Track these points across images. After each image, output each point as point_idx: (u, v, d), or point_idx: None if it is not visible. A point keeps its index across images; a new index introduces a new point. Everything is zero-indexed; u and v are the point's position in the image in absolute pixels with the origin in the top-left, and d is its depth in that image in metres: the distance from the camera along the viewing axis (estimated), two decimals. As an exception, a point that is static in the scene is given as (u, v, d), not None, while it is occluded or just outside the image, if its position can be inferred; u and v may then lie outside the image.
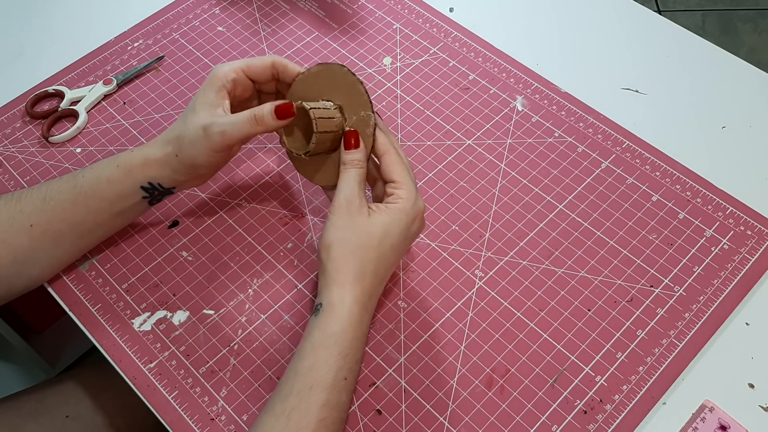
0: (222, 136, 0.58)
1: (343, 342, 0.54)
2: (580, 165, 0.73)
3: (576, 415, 0.59)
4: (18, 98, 0.80)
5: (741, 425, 0.58)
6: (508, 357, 0.62)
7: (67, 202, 0.61)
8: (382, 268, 0.57)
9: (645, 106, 0.78)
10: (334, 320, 0.54)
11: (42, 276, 0.65)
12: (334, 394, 0.53)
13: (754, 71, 0.81)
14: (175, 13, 0.87)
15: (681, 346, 0.62)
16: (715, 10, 1.99)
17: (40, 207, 0.61)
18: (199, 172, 0.62)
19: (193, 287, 0.66)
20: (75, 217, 0.62)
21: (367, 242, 0.56)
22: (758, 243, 0.67)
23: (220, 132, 0.58)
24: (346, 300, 0.55)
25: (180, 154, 0.60)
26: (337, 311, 0.54)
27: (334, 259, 0.55)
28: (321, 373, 0.53)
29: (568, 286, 0.65)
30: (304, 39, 0.84)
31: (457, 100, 0.78)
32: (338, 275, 0.55)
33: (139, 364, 0.62)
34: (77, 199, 0.61)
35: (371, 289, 0.56)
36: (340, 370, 0.53)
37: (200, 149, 0.59)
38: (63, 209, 0.61)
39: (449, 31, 0.85)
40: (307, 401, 0.52)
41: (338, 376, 0.53)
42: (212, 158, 0.60)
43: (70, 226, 0.62)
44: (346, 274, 0.55)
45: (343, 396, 0.54)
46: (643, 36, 0.84)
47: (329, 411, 0.52)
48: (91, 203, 0.61)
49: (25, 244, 0.61)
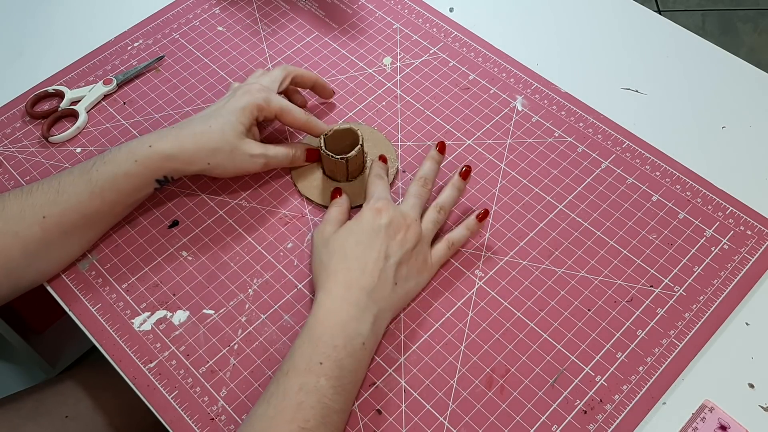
0: (264, 166, 0.69)
1: (316, 328, 0.57)
2: (580, 165, 0.73)
3: (576, 415, 0.59)
4: (18, 98, 0.80)
5: (741, 425, 0.58)
6: (508, 357, 0.62)
7: (82, 194, 0.63)
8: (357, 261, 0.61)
9: (645, 106, 0.78)
10: (311, 315, 0.59)
11: (50, 269, 0.66)
12: (311, 378, 0.54)
13: (754, 71, 0.81)
14: (175, 13, 0.87)
15: (681, 346, 0.62)
16: (715, 10, 2.00)
17: (53, 199, 0.62)
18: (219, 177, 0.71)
19: (193, 287, 0.66)
20: (90, 208, 0.63)
21: (334, 248, 0.62)
22: (758, 243, 0.67)
23: (263, 163, 0.68)
24: (318, 296, 0.60)
25: (213, 162, 0.66)
26: (313, 307, 0.59)
27: (317, 277, 0.62)
28: (294, 358, 0.56)
29: (568, 286, 0.65)
30: (304, 39, 0.84)
31: (457, 100, 0.78)
32: (317, 285, 0.62)
33: (139, 363, 0.62)
34: (93, 191, 0.63)
35: (347, 281, 0.60)
36: (313, 355, 0.56)
37: (239, 167, 0.67)
38: (78, 201, 0.63)
39: (449, 31, 0.85)
40: (284, 386, 0.55)
41: (312, 360, 0.55)
42: (240, 173, 0.69)
43: (83, 217, 0.63)
44: (323, 281, 0.61)
45: (321, 381, 0.54)
46: (643, 36, 0.84)
47: (306, 395, 0.54)
48: (107, 195, 0.63)
49: (38, 236, 0.62)
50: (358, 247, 0.61)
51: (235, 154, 0.66)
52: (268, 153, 0.68)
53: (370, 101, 0.78)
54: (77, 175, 0.63)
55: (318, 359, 0.55)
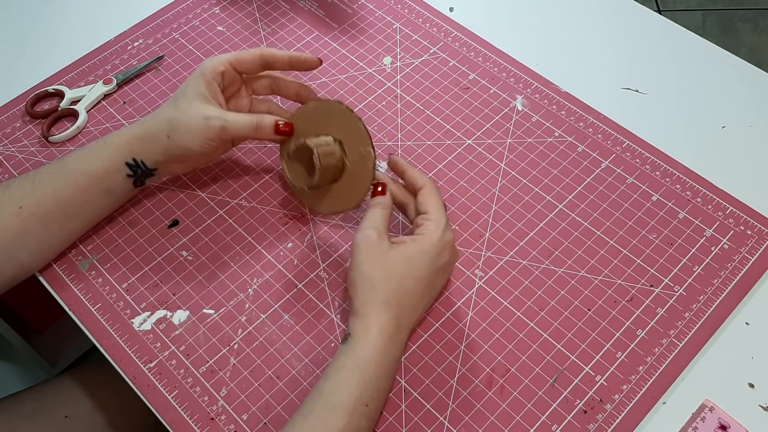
0: (222, 131, 0.63)
1: (367, 368, 0.55)
2: (580, 165, 0.73)
3: (576, 414, 0.59)
4: (18, 98, 0.80)
5: (741, 425, 0.58)
6: (508, 357, 0.62)
7: (56, 181, 0.63)
8: (409, 299, 0.58)
9: (645, 106, 0.78)
10: (359, 347, 0.56)
11: (31, 261, 0.65)
12: (354, 419, 0.53)
13: (754, 71, 0.81)
14: (175, 13, 0.87)
15: (681, 346, 0.62)
16: (715, 10, 2.00)
17: (28, 190, 0.63)
18: (186, 156, 0.64)
19: (193, 287, 0.66)
20: (63, 195, 0.63)
21: (390, 275, 0.57)
22: (758, 243, 0.67)
23: (221, 126, 0.62)
24: (371, 329, 0.56)
25: (172, 135, 0.63)
26: (362, 339, 0.56)
27: (360, 293, 0.57)
28: (343, 395, 0.54)
29: (568, 285, 0.65)
30: (304, 39, 0.84)
31: (457, 100, 0.78)
32: (363, 308, 0.57)
33: (139, 363, 0.62)
34: (66, 177, 0.63)
35: (397, 320, 0.57)
36: (362, 395, 0.54)
37: (197, 136, 0.62)
38: (53, 188, 0.63)
39: (449, 30, 0.85)
40: (328, 422, 0.53)
41: (360, 400, 0.54)
42: (205, 147, 0.63)
43: (59, 205, 0.63)
44: (371, 306, 0.57)
45: (362, 422, 0.54)
46: (643, 36, 0.84)
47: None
48: (79, 180, 0.63)
49: (15, 227, 0.62)
50: (419, 285, 0.58)
51: (190, 121, 0.62)
52: (227, 117, 0.63)
53: (370, 101, 0.78)
54: (53, 165, 0.64)
55: (365, 401, 0.54)
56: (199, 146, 0.63)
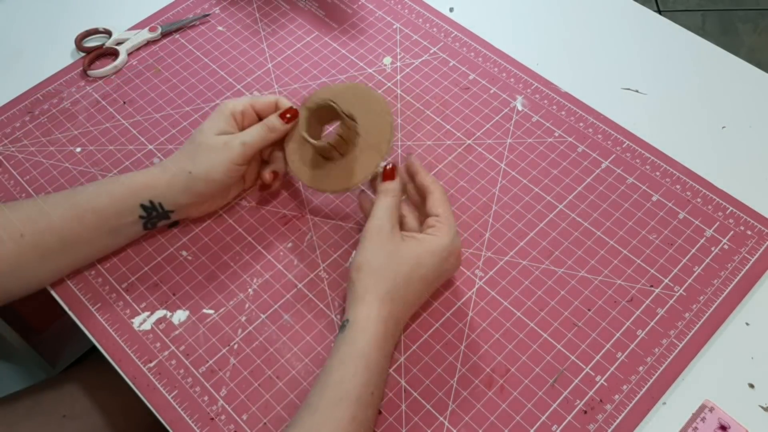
0: (243, 147, 0.63)
1: (369, 356, 0.55)
2: (580, 165, 0.73)
3: (576, 415, 0.59)
4: (18, 98, 0.80)
5: (741, 425, 0.58)
6: (508, 357, 0.62)
7: (64, 214, 0.61)
8: (410, 295, 0.59)
9: (645, 106, 0.78)
10: (360, 335, 0.55)
11: (18, 291, 0.63)
12: (362, 409, 0.53)
13: (754, 71, 0.81)
14: (175, 13, 0.87)
15: (681, 346, 0.62)
16: (715, 10, 2.00)
17: (34, 218, 0.61)
18: (208, 192, 0.64)
19: (192, 287, 0.66)
20: (68, 231, 0.61)
21: (397, 267, 0.58)
22: (758, 243, 0.67)
23: (240, 143, 0.63)
24: (372, 317, 0.56)
25: (194, 169, 0.63)
26: (363, 327, 0.56)
27: (364, 278, 0.57)
28: (349, 386, 0.53)
29: (568, 286, 0.65)
30: (304, 39, 0.84)
31: (457, 100, 0.78)
32: (366, 294, 0.57)
33: (138, 363, 0.62)
34: (74, 211, 0.61)
35: (397, 312, 0.58)
36: (368, 384, 0.54)
37: (220, 162, 0.63)
38: (59, 222, 0.61)
39: (449, 31, 0.85)
40: (337, 415, 0.52)
41: (366, 390, 0.54)
42: (230, 172, 0.63)
43: (60, 240, 0.61)
44: (374, 293, 0.57)
45: (369, 412, 0.54)
46: (643, 36, 0.84)
47: (358, 426, 0.53)
48: (87, 217, 0.62)
49: (12, 254, 0.60)
50: (421, 284, 0.59)
51: (211, 149, 0.63)
52: (242, 136, 0.64)
53: (370, 101, 0.78)
54: (62, 196, 0.63)
55: (371, 389, 0.54)
56: (223, 173, 0.63)
